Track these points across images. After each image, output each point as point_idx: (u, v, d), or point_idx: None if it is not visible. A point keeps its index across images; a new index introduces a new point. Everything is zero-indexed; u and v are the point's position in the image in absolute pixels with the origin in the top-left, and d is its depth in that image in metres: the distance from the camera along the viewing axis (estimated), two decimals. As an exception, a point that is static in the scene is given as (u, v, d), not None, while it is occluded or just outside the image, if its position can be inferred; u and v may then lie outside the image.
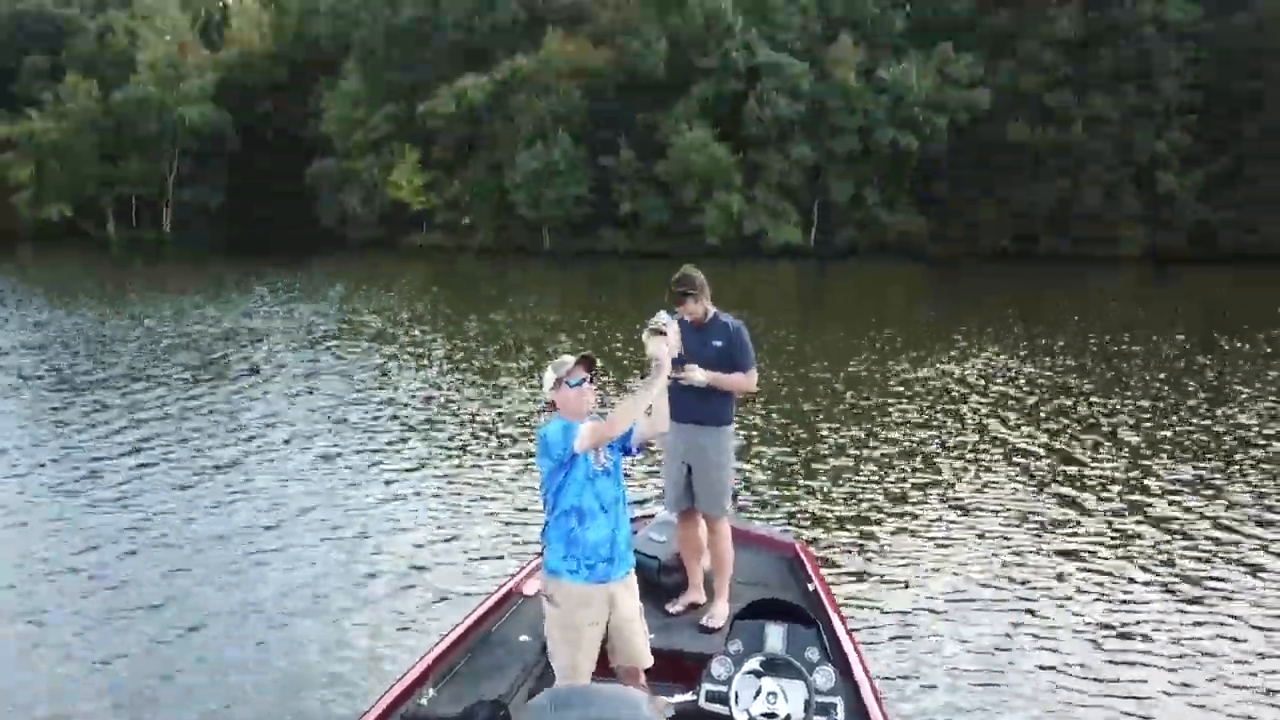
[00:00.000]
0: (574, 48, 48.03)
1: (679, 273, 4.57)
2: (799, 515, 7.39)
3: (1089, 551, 6.66)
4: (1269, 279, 31.60)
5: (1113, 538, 6.96)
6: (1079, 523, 7.27)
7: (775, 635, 3.70)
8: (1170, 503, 7.76)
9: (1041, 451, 9.41)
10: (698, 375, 4.43)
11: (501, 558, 6.42)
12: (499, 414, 10.97)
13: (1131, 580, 6.17)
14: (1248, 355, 15.69)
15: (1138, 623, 5.55)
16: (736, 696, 3.48)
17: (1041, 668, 5.02)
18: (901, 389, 12.54)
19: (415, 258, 44.49)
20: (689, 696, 3.58)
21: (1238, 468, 8.81)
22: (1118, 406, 11.56)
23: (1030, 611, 5.70)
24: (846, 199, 47.19)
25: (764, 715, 3.43)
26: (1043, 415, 11.06)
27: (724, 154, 44.96)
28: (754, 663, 3.53)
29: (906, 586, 6.03)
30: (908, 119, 45.94)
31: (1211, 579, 6.18)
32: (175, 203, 58.75)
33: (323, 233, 54.12)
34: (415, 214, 51.31)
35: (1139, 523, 7.28)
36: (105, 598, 5.80)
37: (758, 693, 3.48)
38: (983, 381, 13.12)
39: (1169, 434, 10.15)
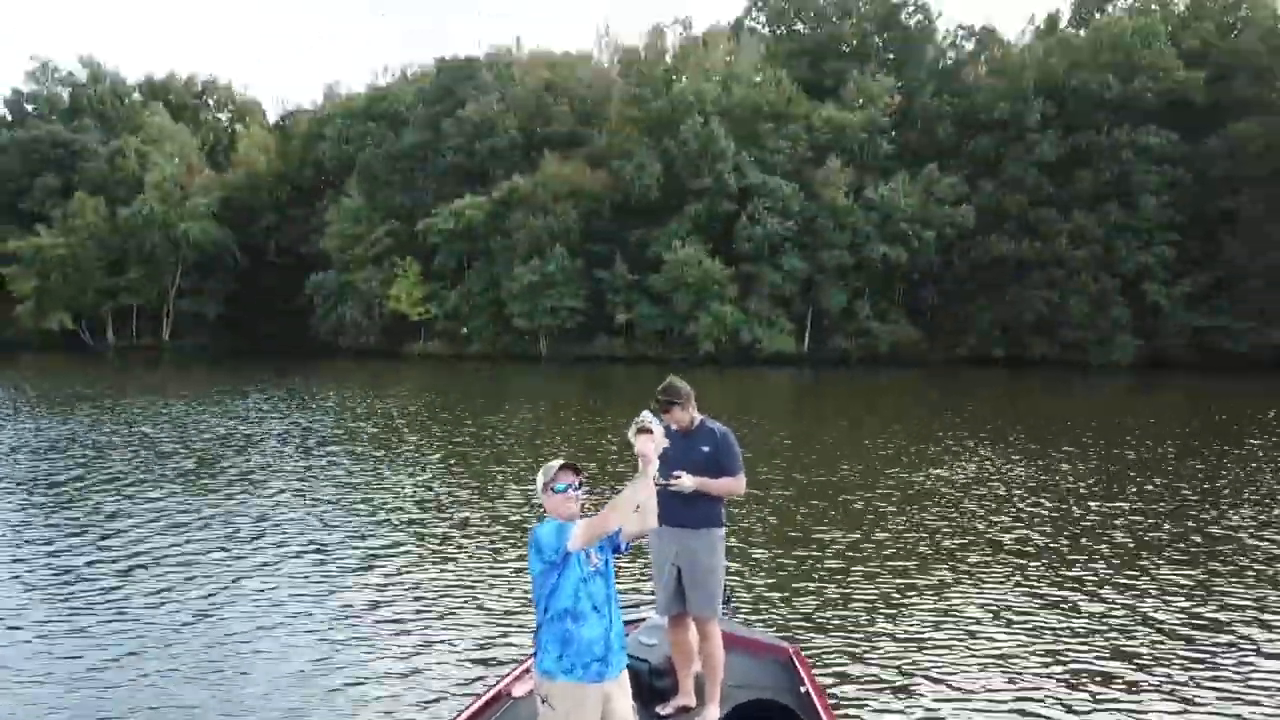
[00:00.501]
0: (570, 170, 49.74)
1: (665, 383, 4.74)
2: (793, 619, 7.34)
3: (1083, 652, 6.62)
4: (1254, 386, 32.01)
5: (1107, 638, 6.92)
6: (1073, 624, 7.23)
7: (765, 736, 3.70)
8: (1165, 603, 7.73)
9: (1034, 553, 9.39)
10: (686, 481, 4.54)
11: (493, 659, 6.38)
12: (492, 516, 10.97)
13: (1127, 681, 6.11)
14: (1238, 459, 15.80)
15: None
16: (727, 797, 3.46)
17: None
18: (894, 493, 12.56)
19: (413, 366, 44.88)
20: (680, 799, 3.55)
21: (1233, 568, 8.80)
22: (1110, 509, 11.58)
23: (1024, 713, 5.64)
24: (839, 309, 48.14)
25: (755, 816, 3.41)
26: (1035, 518, 11.07)
27: (717, 269, 46.03)
28: (744, 763, 3.53)
29: (903, 689, 5.96)
30: (896, 234, 47.35)
31: (1207, 678, 6.12)
32: (175, 312, 59.62)
33: (320, 343, 54.74)
34: (413, 324, 52.09)
35: (1133, 623, 7.24)
36: (95, 699, 5.73)
37: (748, 793, 3.46)
38: (974, 484, 13.15)
39: (1161, 535, 10.16)
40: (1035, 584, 8.41)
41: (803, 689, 4.64)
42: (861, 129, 50.16)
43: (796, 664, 4.97)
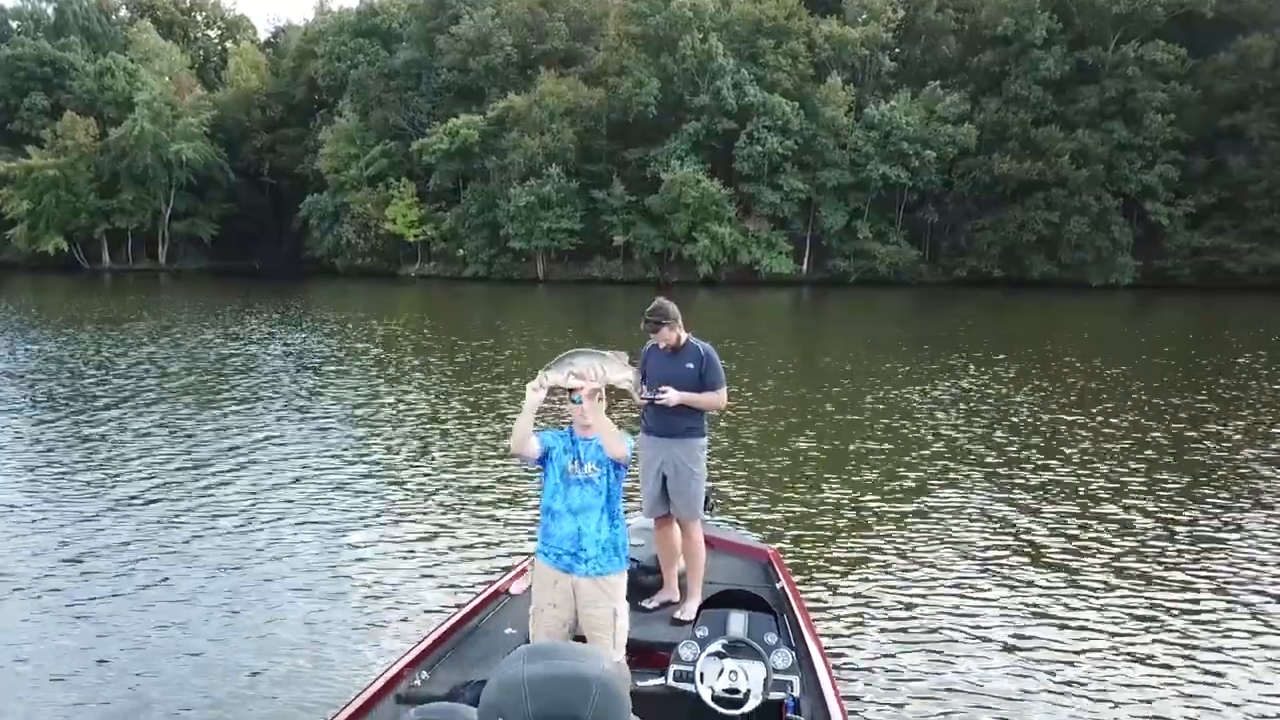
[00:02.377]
0: (566, 88, 48.87)
1: (653, 304, 4.98)
2: (775, 525, 7.74)
3: (1047, 546, 7.02)
4: (1253, 307, 32.21)
5: (1069, 529, 7.35)
6: (1040, 522, 7.61)
7: (737, 622, 4.05)
8: (1119, 504, 8.11)
9: (1005, 460, 9.75)
10: (671, 395, 4.83)
11: (493, 560, 6.79)
12: (491, 433, 11.34)
13: (1100, 582, 6.50)
14: (1233, 376, 16.09)
15: (1099, 624, 5.88)
16: (701, 676, 3.81)
17: (1005, 666, 5.35)
18: (878, 406, 12.90)
19: (409, 287, 45.01)
20: (659, 680, 3.92)
21: (1215, 482, 9.16)
22: (1088, 423, 11.90)
23: (997, 601, 6.04)
24: (838, 229, 47.96)
25: (726, 691, 3.76)
26: (1010, 428, 11.42)
27: (715, 189, 45.68)
28: (717, 645, 3.87)
29: (876, 584, 6.35)
30: (897, 153, 46.80)
31: (1154, 555, 6.52)
32: (170, 235, 59.35)
33: (317, 265, 54.68)
34: (409, 245, 51.93)
35: (1093, 520, 7.64)
36: (105, 601, 6.09)
37: (720, 672, 3.82)
38: (957, 400, 13.47)
39: (1129, 445, 10.50)
40: (1005, 488, 8.80)
41: (779, 585, 5.00)
42: (863, 45, 49.12)
43: (774, 565, 5.31)
